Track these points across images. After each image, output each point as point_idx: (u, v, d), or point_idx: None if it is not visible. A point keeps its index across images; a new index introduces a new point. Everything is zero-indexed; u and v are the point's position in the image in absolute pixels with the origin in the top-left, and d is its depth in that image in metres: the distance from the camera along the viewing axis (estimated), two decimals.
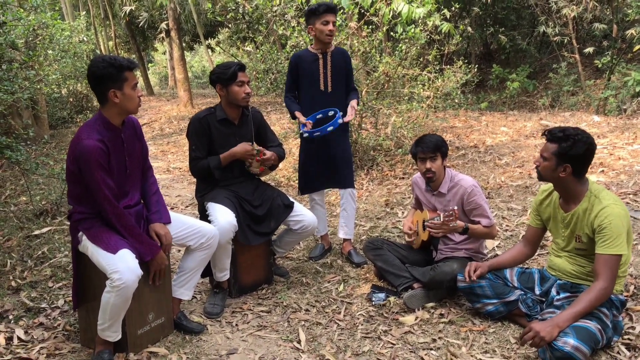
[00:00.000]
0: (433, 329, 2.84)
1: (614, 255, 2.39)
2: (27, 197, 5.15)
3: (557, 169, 2.49)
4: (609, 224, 2.39)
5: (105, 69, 2.43)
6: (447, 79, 6.55)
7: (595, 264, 2.43)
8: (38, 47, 6.84)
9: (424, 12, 5.82)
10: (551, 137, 2.51)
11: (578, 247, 2.60)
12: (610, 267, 2.39)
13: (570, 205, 2.59)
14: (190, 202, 5.57)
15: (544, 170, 2.54)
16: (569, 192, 2.57)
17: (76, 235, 2.58)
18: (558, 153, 2.46)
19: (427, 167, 3.13)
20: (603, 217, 2.41)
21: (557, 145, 2.47)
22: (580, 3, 9.10)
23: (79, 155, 2.41)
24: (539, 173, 2.59)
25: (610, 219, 2.39)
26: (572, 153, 2.44)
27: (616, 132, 6.43)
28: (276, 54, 6.87)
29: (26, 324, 2.97)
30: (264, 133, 3.48)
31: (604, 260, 2.40)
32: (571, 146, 2.43)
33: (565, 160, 2.46)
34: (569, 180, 2.51)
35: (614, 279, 2.40)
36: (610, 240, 2.39)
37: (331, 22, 3.57)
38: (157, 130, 10.77)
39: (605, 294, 2.38)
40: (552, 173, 2.52)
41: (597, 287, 2.38)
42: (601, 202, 2.45)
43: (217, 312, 3.11)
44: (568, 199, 2.59)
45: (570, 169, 2.47)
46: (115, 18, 17.31)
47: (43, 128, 8.75)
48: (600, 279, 2.39)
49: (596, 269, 2.42)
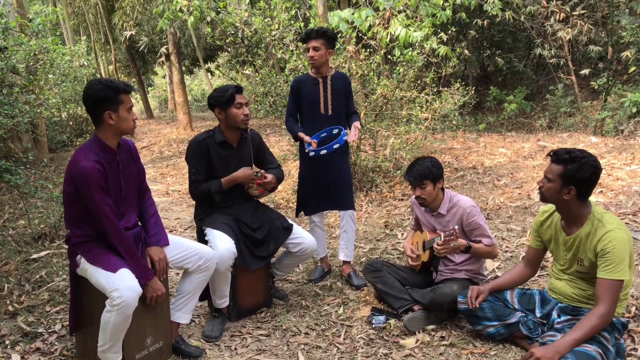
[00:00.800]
0: (434, 352, 2.81)
1: (616, 281, 2.36)
2: (25, 221, 5.14)
3: (562, 191, 2.45)
4: (612, 249, 2.36)
5: (102, 91, 2.46)
6: (445, 101, 6.60)
7: (597, 288, 2.40)
8: (39, 71, 6.91)
9: (421, 35, 5.90)
10: (557, 158, 2.47)
11: (580, 271, 2.57)
12: (612, 292, 2.36)
13: (572, 228, 2.56)
14: (189, 224, 5.56)
15: (547, 191, 2.50)
16: (572, 215, 2.53)
17: (74, 259, 2.57)
18: (563, 175, 2.43)
19: (417, 194, 3.16)
20: (607, 241, 2.38)
21: (562, 167, 2.43)
22: (575, 26, 9.22)
23: (76, 177, 2.42)
24: (542, 194, 2.55)
25: (614, 244, 2.36)
26: (578, 176, 2.40)
27: (614, 152, 6.46)
28: (275, 77, 6.93)
29: (23, 349, 2.94)
30: (262, 155, 3.49)
31: (606, 285, 2.37)
32: (577, 169, 2.40)
33: (570, 183, 2.42)
34: (573, 202, 2.48)
35: (615, 304, 2.37)
36: (613, 265, 2.36)
37: (311, 47, 3.65)
38: (157, 153, 10.80)
39: (606, 320, 2.35)
40: (556, 195, 2.48)
41: (597, 313, 2.35)
42: (605, 226, 2.41)
43: (216, 336, 3.08)
44: (570, 221, 2.56)
45: (575, 192, 2.44)
46: (116, 42, 17.50)
47: (42, 152, 8.77)
48: (601, 304, 2.36)
49: (597, 294, 2.39)
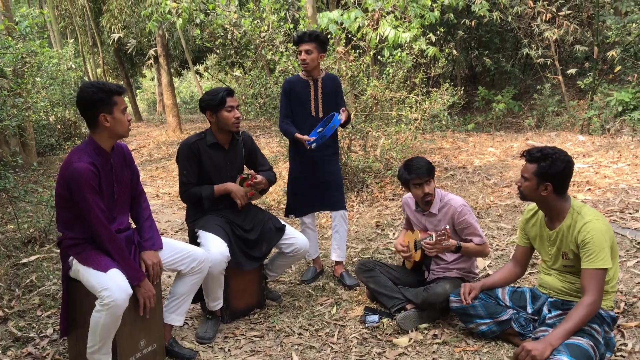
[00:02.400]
0: (427, 350, 2.83)
1: (599, 270, 2.43)
2: (14, 225, 5.09)
3: (539, 188, 2.55)
4: (591, 239, 2.44)
5: (95, 94, 2.46)
6: (434, 101, 6.63)
7: (582, 279, 2.47)
8: (26, 74, 6.84)
9: (410, 36, 5.94)
10: (530, 157, 2.58)
11: (566, 264, 2.63)
12: (597, 281, 2.42)
13: (554, 223, 2.64)
14: (180, 227, 5.54)
15: (525, 190, 2.60)
16: (553, 210, 2.62)
17: (66, 261, 2.56)
18: (538, 173, 2.53)
19: (426, 191, 3.15)
20: (585, 232, 2.46)
21: (536, 165, 2.54)
22: (562, 26, 9.32)
23: (70, 178, 2.41)
24: (522, 193, 2.65)
25: (592, 234, 2.44)
26: (551, 172, 2.50)
27: (601, 150, 6.54)
28: (265, 79, 6.93)
29: (14, 354, 2.91)
30: (254, 157, 3.49)
31: (590, 275, 2.44)
32: (550, 165, 2.50)
33: (545, 179, 2.52)
34: (551, 198, 2.57)
35: (601, 293, 2.43)
36: (593, 254, 2.43)
37: (303, 50, 3.66)
38: (146, 155, 10.75)
39: (594, 308, 2.41)
40: (534, 192, 2.58)
41: (585, 302, 2.41)
42: (583, 218, 2.50)
43: (209, 338, 3.07)
44: (552, 216, 2.64)
45: (551, 187, 2.53)
46: (104, 45, 17.40)
47: (31, 155, 8.70)
48: (587, 294, 2.42)
49: (583, 284, 2.46)
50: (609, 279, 2.51)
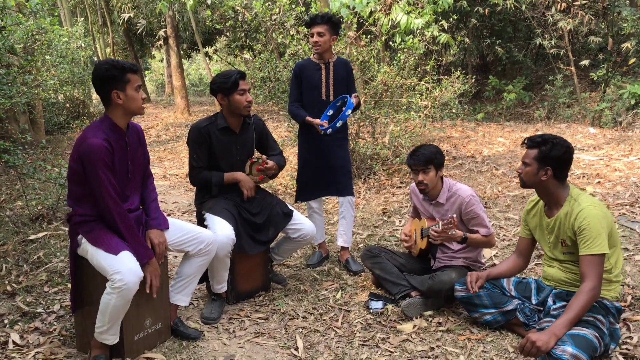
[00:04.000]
0: (431, 337, 2.84)
1: (597, 255, 2.43)
2: (23, 202, 5.12)
3: (539, 172, 2.58)
4: (587, 225, 2.46)
5: (108, 71, 2.46)
6: (445, 89, 6.58)
7: (580, 266, 2.48)
8: (36, 52, 6.85)
9: (423, 22, 5.87)
10: (531, 143, 2.62)
11: (565, 252, 2.64)
12: (595, 267, 2.43)
13: (553, 211, 2.66)
14: (187, 208, 5.56)
15: (526, 175, 2.63)
16: (552, 197, 2.64)
17: (75, 239, 2.57)
18: (539, 157, 2.57)
19: (419, 179, 3.15)
20: (581, 218, 2.48)
21: (537, 150, 2.58)
22: (576, 16, 9.19)
23: (84, 153, 2.41)
24: (522, 180, 2.68)
25: (588, 220, 2.46)
26: (551, 155, 2.54)
27: (612, 143, 6.48)
28: (274, 63, 6.89)
29: (22, 328, 2.95)
30: (265, 141, 3.48)
31: (587, 261, 2.45)
32: (550, 149, 2.54)
33: (546, 163, 2.56)
34: (551, 184, 2.59)
35: (600, 278, 2.43)
36: (590, 240, 2.44)
37: (315, 33, 3.61)
38: (154, 137, 10.76)
39: (594, 294, 2.41)
40: (534, 177, 2.60)
41: (585, 289, 2.41)
42: (580, 205, 2.52)
43: (214, 318, 3.09)
44: (551, 204, 2.66)
45: (551, 172, 2.56)
46: (114, 25, 17.33)
47: (40, 133, 8.74)
48: (586, 280, 2.43)
49: (582, 271, 2.47)
50: (611, 267, 2.52)
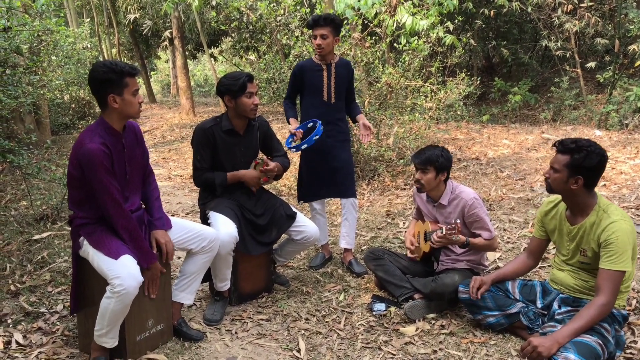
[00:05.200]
0: (434, 340, 2.83)
1: (618, 272, 2.36)
2: (27, 202, 5.14)
3: (569, 180, 2.45)
4: (615, 239, 2.36)
5: (105, 74, 2.43)
6: (450, 91, 6.56)
7: (598, 278, 2.40)
8: (42, 52, 6.87)
9: (428, 24, 5.86)
10: (563, 148, 2.47)
11: (582, 261, 2.57)
12: (613, 283, 2.36)
13: (577, 218, 2.56)
14: (191, 209, 5.57)
15: (554, 182, 2.50)
16: (578, 205, 2.53)
17: (77, 240, 2.57)
18: (570, 165, 2.43)
19: (417, 177, 3.16)
20: (610, 232, 2.38)
21: (569, 157, 2.43)
22: (583, 18, 9.15)
23: (82, 159, 2.40)
24: (549, 185, 2.54)
25: (617, 235, 2.36)
26: (585, 165, 2.40)
27: (618, 146, 6.44)
28: (279, 64, 6.90)
29: (25, 328, 2.95)
30: (269, 143, 3.47)
31: (607, 275, 2.37)
32: (584, 158, 2.40)
33: (577, 172, 2.42)
34: (580, 192, 2.47)
35: (615, 295, 2.37)
36: (615, 256, 2.36)
37: (318, 35, 3.58)
38: (159, 137, 10.78)
39: (606, 310, 2.36)
40: (563, 185, 2.47)
41: (598, 303, 2.35)
42: (610, 217, 2.41)
43: (216, 320, 3.09)
44: (576, 211, 2.56)
45: (582, 181, 2.43)
46: (119, 25, 17.39)
47: (45, 133, 8.76)
48: (601, 295, 2.36)
49: (598, 284, 2.39)
50: (624, 279, 2.43)
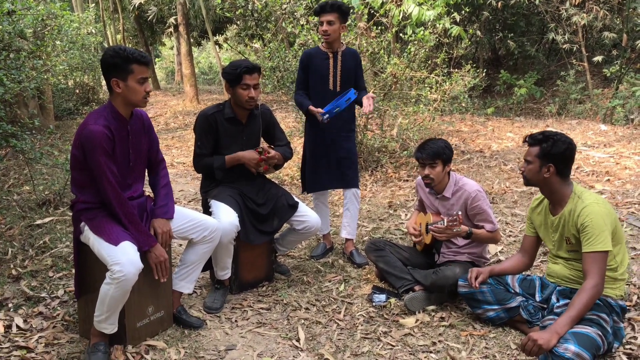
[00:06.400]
0: (433, 332, 2.83)
1: (599, 252, 2.42)
2: (30, 187, 5.15)
3: (542, 170, 2.57)
4: (590, 222, 2.44)
5: (112, 58, 2.44)
6: (455, 83, 6.52)
7: (583, 263, 2.47)
8: (46, 37, 6.85)
9: (434, 14, 5.81)
10: (532, 140, 2.61)
11: (570, 250, 2.62)
12: (597, 264, 2.41)
13: (557, 209, 2.64)
14: (193, 197, 5.57)
15: (529, 173, 2.61)
16: (555, 195, 2.62)
17: (78, 226, 2.57)
18: (540, 154, 2.56)
19: (426, 173, 3.12)
20: (584, 215, 2.47)
21: (538, 147, 2.57)
22: (591, 11, 9.06)
23: (84, 140, 2.41)
24: (525, 177, 2.66)
25: (591, 217, 2.44)
26: (553, 152, 2.52)
27: (623, 141, 6.40)
28: (284, 52, 6.86)
29: (25, 312, 2.97)
30: (272, 132, 3.45)
31: (590, 258, 2.43)
32: (552, 145, 2.53)
33: (548, 160, 2.54)
34: (554, 181, 2.58)
35: (602, 276, 2.41)
36: (593, 237, 2.43)
37: (325, 22, 3.55)
38: (162, 124, 10.77)
39: (596, 292, 2.39)
40: (537, 175, 2.59)
41: (587, 286, 2.39)
42: (583, 202, 2.51)
43: (217, 307, 3.10)
44: (555, 202, 2.65)
45: (553, 169, 2.54)
46: (124, 11, 17.31)
47: (48, 118, 8.76)
48: (589, 277, 2.41)
49: (584, 269, 2.45)
50: (616, 265, 2.50)
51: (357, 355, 2.65)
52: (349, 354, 2.64)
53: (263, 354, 2.67)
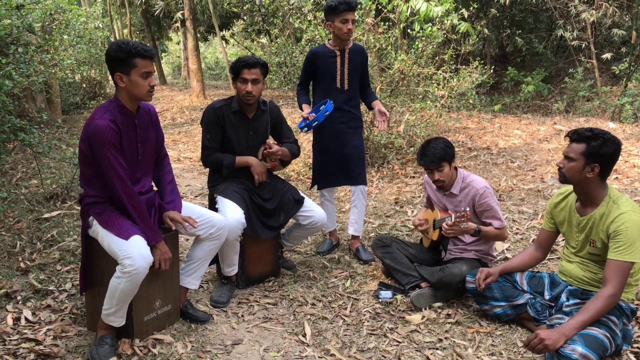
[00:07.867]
0: (439, 329, 2.82)
1: (626, 262, 2.35)
2: (38, 181, 5.17)
3: (585, 169, 2.43)
4: (625, 230, 2.35)
5: (115, 52, 2.44)
6: (462, 79, 6.49)
7: (606, 269, 2.40)
8: (54, 31, 6.86)
9: (442, 10, 5.79)
10: (578, 137, 2.45)
11: (592, 252, 2.56)
12: (621, 274, 2.35)
13: (587, 209, 2.54)
14: (200, 192, 5.58)
15: (569, 171, 2.47)
16: (590, 196, 2.51)
17: (87, 220, 2.58)
18: (587, 152, 2.41)
19: (436, 177, 3.11)
20: (620, 222, 2.37)
21: (585, 145, 2.42)
22: (600, 8, 9.00)
23: (91, 134, 2.42)
24: (563, 175, 2.51)
25: (626, 226, 2.35)
26: (602, 152, 2.39)
27: (631, 139, 6.36)
28: (291, 48, 6.84)
29: (34, 305, 2.99)
30: (279, 129, 3.45)
31: (615, 266, 2.36)
32: (601, 145, 2.39)
33: (594, 160, 2.41)
34: (594, 181, 2.46)
35: (622, 286, 2.36)
36: (624, 246, 2.35)
37: (350, 20, 3.51)
38: (169, 119, 10.79)
39: (613, 302, 2.35)
40: (579, 174, 2.45)
41: (605, 294, 2.35)
42: (619, 208, 2.41)
43: (223, 302, 3.11)
44: (586, 202, 2.54)
45: (598, 169, 2.42)
46: (132, 6, 17.34)
47: (56, 112, 8.79)
48: (608, 285, 2.35)
49: (606, 275, 2.39)
50: (633, 271, 2.43)
51: (363, 351, 2.65)
52: (355, 350, 2.65)
53: (269, 349, 2.68)
